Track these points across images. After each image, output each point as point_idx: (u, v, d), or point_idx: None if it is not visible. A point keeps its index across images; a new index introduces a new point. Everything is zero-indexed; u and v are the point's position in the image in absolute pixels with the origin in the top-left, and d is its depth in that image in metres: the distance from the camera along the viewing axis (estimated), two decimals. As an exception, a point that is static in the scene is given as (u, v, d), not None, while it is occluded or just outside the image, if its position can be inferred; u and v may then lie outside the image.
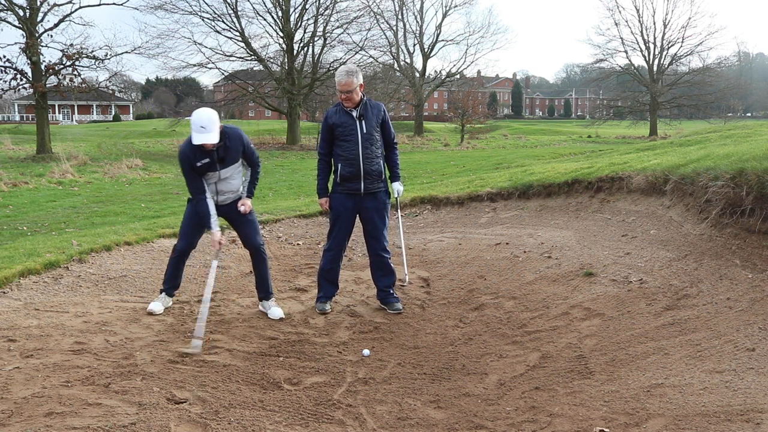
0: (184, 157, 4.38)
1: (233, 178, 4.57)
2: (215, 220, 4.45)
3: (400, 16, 45.43)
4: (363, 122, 4.64)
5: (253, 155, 4.65)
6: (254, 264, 4.76)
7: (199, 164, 4.36)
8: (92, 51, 25.08)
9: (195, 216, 4.56)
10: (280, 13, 32.82)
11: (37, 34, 23.86)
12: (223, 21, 32.34)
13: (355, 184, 4.69)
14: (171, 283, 4.77)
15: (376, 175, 4.72)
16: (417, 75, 47.45)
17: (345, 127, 4.64)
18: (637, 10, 51.51)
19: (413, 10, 55.21)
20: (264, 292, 4.77)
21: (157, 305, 4.65)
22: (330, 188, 4.86)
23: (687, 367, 3.39)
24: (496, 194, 7.90)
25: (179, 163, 4.46)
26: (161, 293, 4.78)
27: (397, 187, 5.00)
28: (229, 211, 4.64)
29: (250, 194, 4.70)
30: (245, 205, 4.62)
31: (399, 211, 5.44)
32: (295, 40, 33.08)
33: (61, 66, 24.59)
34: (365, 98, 4.70)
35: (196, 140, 4.23)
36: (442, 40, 50.23)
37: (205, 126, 4.22)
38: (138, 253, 6.10)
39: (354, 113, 4.64)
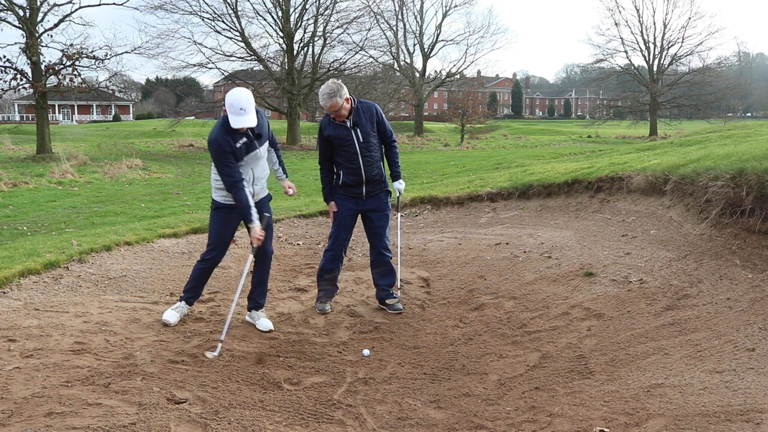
0: (221, 142, 4.04)
1: (265, 160, 4.39)
2: (255, 211, 4.15)
3: (400, 16, 45.48)
4: (358, 131, 4.59)
5: (273, 135, 4.57)
6: (258, 269, 4.52)
7: (238, 145, 4.08)
8: (92, 51, 25.12)
9: (227, 224, 4.34)
10: (280, 13, 32.83)
11: (37, 34, 23.87)
12: (223, 21, 32.36)
13: (357, 189, 4.71)
14: (194, 292, 4.51)
15: (378, 180, 4.73)
16: (417, 75, 47.46)
17: (341, 139, 4.60)
18: (637, 11, 51.60)
19: (413, 10, 55.28)
20: (258, 300, 4.53)
21: (173, 315, 4.39)
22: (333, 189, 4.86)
23: (687, 367, 3.39)
24: (496, 194, 7.90)
25: (212, 153, 4.10)
26: (180, 301, 4.50)
27: (398, 186, 4.96)
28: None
29: (287, 175, 4.74)
30: (292, 188, 4.62)
31: (399, 212, 5.38)
32: (295, 40, 33.08)
33: (61, 66, 24.62)
34: (356, 103, 4.62)
35: (237, 123, 3.97)
36: (442, 40, 50.33)
37: (245, 108, 3.97)
38: (138, 253, 6.10)
39: (348, 123, 4.59)
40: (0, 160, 22.58)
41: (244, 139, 4.13)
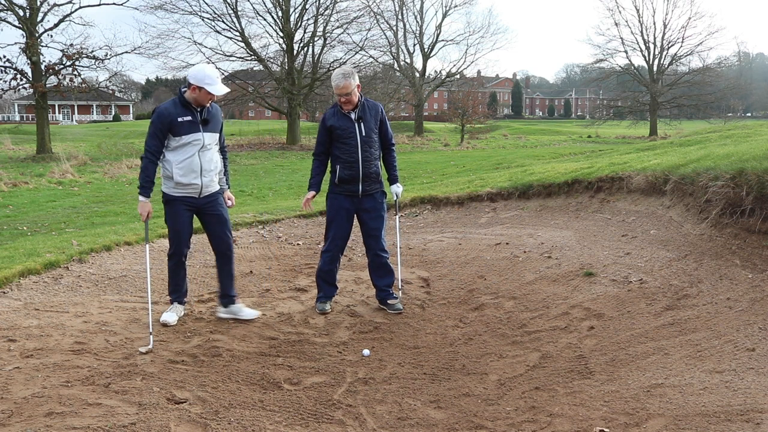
0: (163, 113, 4.18)
1: (214, 154, 4.41)
2: (150, 190, 4.23)
3: (400, 16, 45.43)
4: (362, 124, 4.61)
5: (224, 141, 4.62)
6: (223, 266, 4.57)
7: (180, 119, 4.18)
8: (92, 51, 25.19)
9: (178, 216, 4.37)
10: (280, 13, 32.83)
11: (37, 34, 23.91)
12: (223, 21, 32.37)
13: (353, 186, 4.67)
14: (177, 291, 4.56)
15: (374, 177, 4.71)
16: (417, 75, 47.43)
17: (344, 130, 4.60)
18: (637, 11, 51.63)
19: (413, 10, 55.19)
20: (231, 295, 4.58)
21: (171, 316, 4.43)
22: (328, 188, 4.85)
23: (687, 367, 3.39)
24: (496, 194, 7.90)
25: (155, 120, 4.19)
26: (172, 303, 4.56)
27: (395, 190, 4.92)
28: (206, 207, 4.44)
29: (229, 185, 4.69)
30: (231, 199, 4.61)
31: (398, 214, 5.33)
32: (295, 40, 33.08)
33: (61, 66, 24.66)
34: (363, 98, 4.67)
35: (221, 90, 4.20)
36: (442, 40, 50.23)
37: (218, 76, 4.23)
38: (138, 253, 6.10)
39: (352, 115, 4.61)
40: (0, 160, 22.59)
41: (189, 117, 4.24)
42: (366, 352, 4.00)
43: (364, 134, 4.61)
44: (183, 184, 4.31)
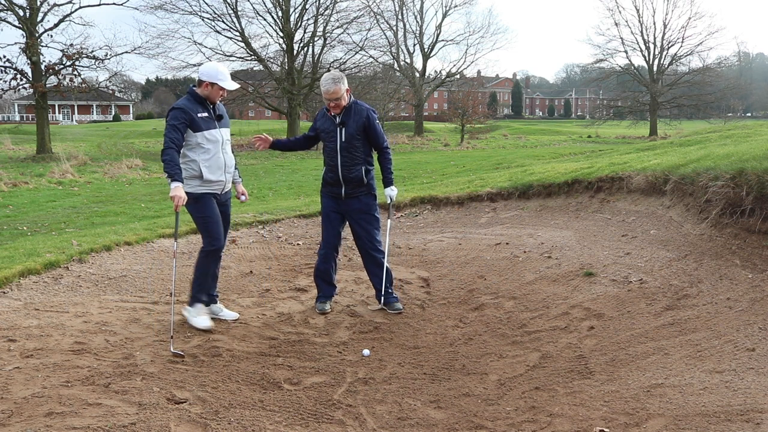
0: (186, 108, 4.20)
1: (230, 149, 4.53)
2: (181, 175, 4.10)
3: (400, 16, 45.50)
4: (343, 130, 4.61)
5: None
6: (213, 264, 4.52)
7: (199, 115, 4.25)
8: (92, 51, 25.22)
9: (211, 209, 4.33)
10: (280, 13, 32.82)
11: (37, 34, 23.93)
12: (223, 21, 32.35)
13: (336, 188, 4.74)
14: (206, 292, 4.42)
15: (356, 182, 4.69)
16: (417, 75, 47.47)
17: (327, 133, 4.67)
18: (637, 11, 51.65)
19: (413, 10, 55.30)
20: (214, 295, 4.55)
21: (206, 320, 4.33)
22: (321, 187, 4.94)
23: (687, 367, 3.39)
24: (496, 194, 7.90)
25: (176, 114, 4.17)
26: (196, 303, 4.38)
27: (389, 193, 4.82)
28: (221, 206, 4.48)
29: (242, 179, 4.81)
30: (245, 194, 4.74)
31: (390, 218, 5.26)
32: (295, 40, 33.07)
33: (61, 66, 24.68)
34: (352, 102, 4.65)
35: (233, 85, 4.34)
36: (442, 40, 50.37)
37: (229, 73, 4.37)
38: (138, 253, 6.10)
39: (336, 119, 4.62)
40: (0, 160, 22.59)
41: (206, 114, 4.33)
42: (366, 352, 4.00)
43: (343, 140, 4.61)
44: (211, 182, 4.35)
